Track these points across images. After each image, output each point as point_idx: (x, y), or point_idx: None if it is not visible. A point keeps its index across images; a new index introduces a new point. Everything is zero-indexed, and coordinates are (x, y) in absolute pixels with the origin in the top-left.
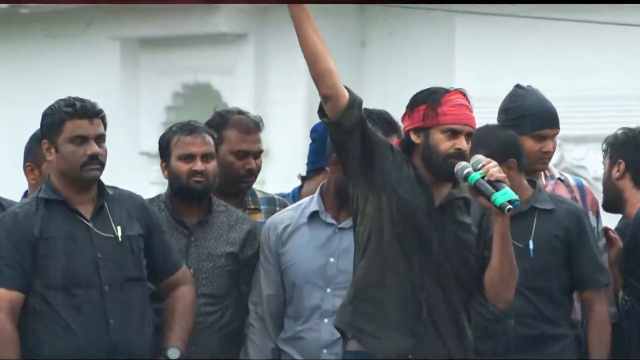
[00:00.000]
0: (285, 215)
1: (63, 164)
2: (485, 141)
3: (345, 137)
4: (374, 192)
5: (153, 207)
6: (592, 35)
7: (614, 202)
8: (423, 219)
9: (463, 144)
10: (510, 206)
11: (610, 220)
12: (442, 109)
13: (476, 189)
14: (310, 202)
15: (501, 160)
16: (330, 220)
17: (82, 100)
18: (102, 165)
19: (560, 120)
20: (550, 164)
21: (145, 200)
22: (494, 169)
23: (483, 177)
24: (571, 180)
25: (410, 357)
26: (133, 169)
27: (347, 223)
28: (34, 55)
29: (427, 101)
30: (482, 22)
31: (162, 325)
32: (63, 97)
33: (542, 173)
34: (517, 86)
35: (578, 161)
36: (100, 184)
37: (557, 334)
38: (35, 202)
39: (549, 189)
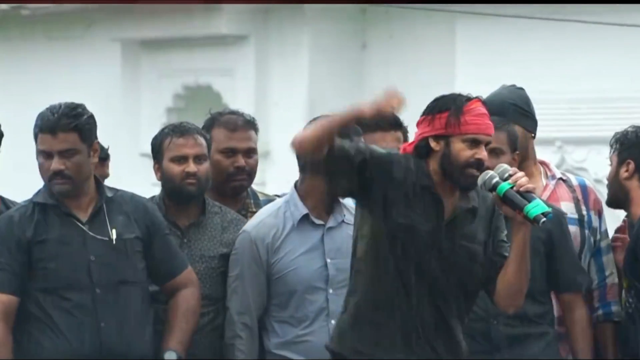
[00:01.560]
0: (267, 224)
1: (40, 174)
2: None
3: (343, 185)
4: (372, 216)
5: (156, 210)
6: (594, 37)
7: (619, 199)
8: (424, 239)
9: (484, 154)
10: (544, 219)
11: (614, 219)
12: (465, 118)
13: (506, 199)
14: (289, 206)
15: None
16: (319, 221)
17: (54, 113)
18: (70, 178)
19: (562, 123)
20: (552, 164)
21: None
22: (523, 179)
23: (512, 187)
24: (574, 180)
25: None
26: (134, 170)
27: (333, 221)
28: (34, 57)
29: (450, 109)
30: (483, 24)
31: (160, 327)
32: (63, 99)
33: (543, 172)
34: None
35: (579, 163)
36: (100, 187)
37: (537, 333)
38: (31, 205)
39: (549, 189)
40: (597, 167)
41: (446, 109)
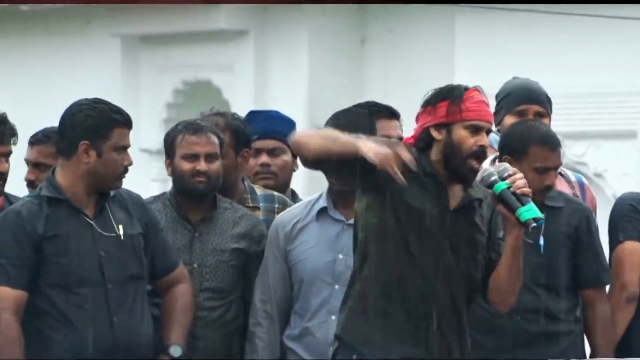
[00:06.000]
0: (293, 213)
1: (103, 170)
2: (505, 134)
3: (337, 168)
4: (378, 201)
5: (152, 206)
6: (593, 31)
7: None
8: (434, 224)
9: (485, 140)
10: (534, 224)
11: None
12: (466, 105)
13: (501, 199)
14: (319, 199)
15: (521, 153)
16: (339, 216)
17: (120, 109)
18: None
19: (561, 117)
20: None
21: (143, 198)
22: (520, 181)
23: (509, 188)
24: (571, 176)
25: None
26: (134, 165)
27: None
28: (34, 53)
29: (449, 97)
30: (482, 18)
31: (160, 320)
32: (62, 95)
33: None
34: (514, 77)
35: (578, 157)
36: None
37: (563, 331)
38: (38, 200)
39: None
40: (596, 161)
41: (446, 97)
